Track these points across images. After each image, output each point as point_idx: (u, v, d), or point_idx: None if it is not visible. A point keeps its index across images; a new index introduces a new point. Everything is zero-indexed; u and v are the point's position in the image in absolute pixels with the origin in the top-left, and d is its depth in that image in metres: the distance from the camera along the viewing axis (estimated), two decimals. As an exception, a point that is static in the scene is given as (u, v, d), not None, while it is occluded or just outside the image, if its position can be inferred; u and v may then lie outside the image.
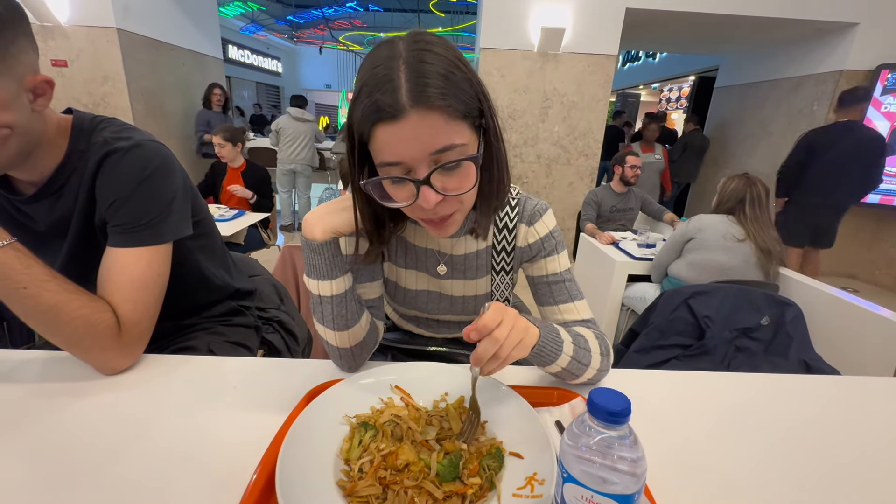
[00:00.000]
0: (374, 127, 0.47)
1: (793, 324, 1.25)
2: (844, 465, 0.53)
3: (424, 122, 0.46)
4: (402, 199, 0.52)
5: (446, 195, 0.50)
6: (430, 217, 0.54)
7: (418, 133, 0.46)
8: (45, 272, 0.59)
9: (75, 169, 0.68)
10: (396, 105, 0.45)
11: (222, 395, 0.62)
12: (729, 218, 1.79)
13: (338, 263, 0.61)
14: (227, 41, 9.84)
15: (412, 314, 0.80)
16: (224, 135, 2.66)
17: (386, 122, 0.46)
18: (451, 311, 0.77)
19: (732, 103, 4.77)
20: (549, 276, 0.69)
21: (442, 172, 0.49)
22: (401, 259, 0.73)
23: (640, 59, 9.04)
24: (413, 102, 0.45)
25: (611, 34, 3.37)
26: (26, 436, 0.52)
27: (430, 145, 0.47)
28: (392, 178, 0.50)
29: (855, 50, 3.43)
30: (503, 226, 0.69)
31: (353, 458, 0.47)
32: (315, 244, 0.59)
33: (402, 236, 0.72)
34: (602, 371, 0.64)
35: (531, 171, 3.71)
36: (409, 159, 0.48)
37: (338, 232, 0.59)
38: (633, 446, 0.34)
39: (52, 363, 0.67)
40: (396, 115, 0.45)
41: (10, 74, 0.57)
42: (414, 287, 0.75)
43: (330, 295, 0.61)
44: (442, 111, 0.46)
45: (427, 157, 0.47)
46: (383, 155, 0.48)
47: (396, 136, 0.46)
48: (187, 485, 0.46)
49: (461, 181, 0.51)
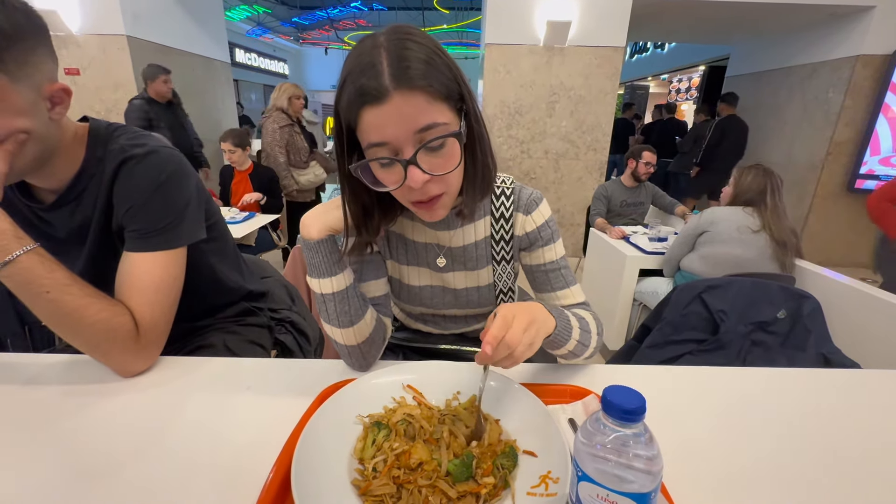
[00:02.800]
0: (361, 110, 0.49)
1: (811, 317, 1.22)
2: (866, 459, 0.52)
3: (408, 102, 0.48)
4: (391, 182, 0.53)
5: (433, 174, 0.52)
6: (420, 198, 0.55)
7: (402, 113, 0.48)
8: (67, 277, 0.61)
9: (93, 176, 0.70)
10: (381, 88, 0.47)
11: (237, 395, 0.63)
12: (745, 210, 1.76)
13: (336, 260, 0.62)
14: (233, 45, 9.92)
15: (418, 311, 0.81)
16: (233, 141, 2.69)
17: (371, 104, 0.48)
18: (455, 306, 0.77)
19: (745, 92, 4.66)
20: (546, 264, 0.71)
21: (427, 152, 0.51)
22: (402, 256, 0.74)
23: (648, 51, 8.90)
24: (396, 84, 0.47)
25: (618, 26, 3.32)
26: (48, 437, 0.54)
27: (414, 124, 0.49)
28: (380, 159, 0.51)
29: (871, 34, 3.33)
30: (500, 215, 0.70)
31: (366, 457, 0.47)
32: (312, 243, 0.61)
33: (401, 234, 0.73)
34: (596, 349, 0.69)
35: (539, 167, 3.68)
36: (395, 139, 0.50)
37: (333, 229, 0.62)
38: (649, 444, 0.34)
39: (72, 366, 0.69)
40: (381, 96, 0.48)
41: (29, 82, 0.58)
42: (417, 283, 0.76)
43: (332, 292, 0.63)
44: (423, 91, 0.49)
45: (411, 135, 0.50)
46: (370, 136, 0.50)
47: (382, 118, 0.49)
48: (205, 484, 0.47)
49: (446, 160, 0.53)
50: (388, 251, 0.75)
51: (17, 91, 0.57)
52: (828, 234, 3.80)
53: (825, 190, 3.71)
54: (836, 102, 3.55)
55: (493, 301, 0.77)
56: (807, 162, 3.81)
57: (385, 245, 0.74)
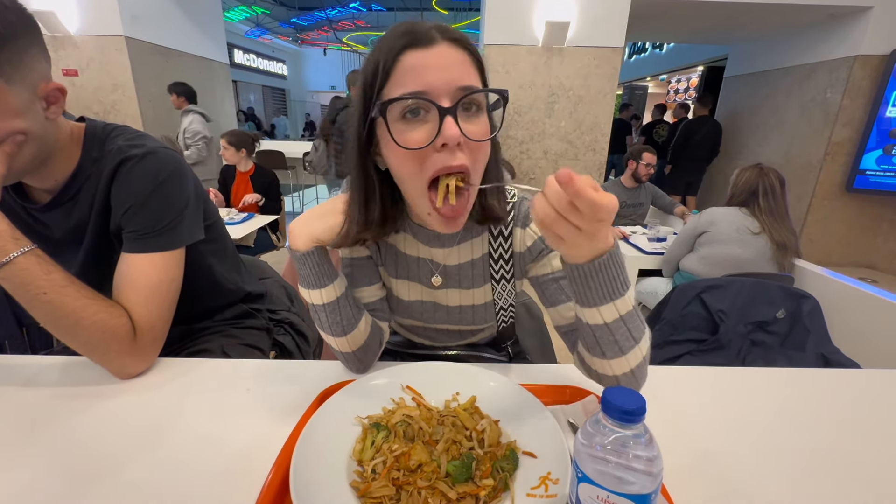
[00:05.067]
0: (401, 54, 0.47)
1: (810, 317, 1.22)
2: (867, 459, 0.52)
3: (454, 54, 0.48)
4: (417, 140, 0.48)
5: (468, 138, 0.48)
6: (447, 163, 0.48)
7: (448, 61, 0.47)
8: (65, 278, 0.60)
9: (89, 176, 0.70)
10: (430, 34, 0.47)
11: (235, 397, 0.62)
12: (742, 210, 1.76)
13: (325, 271, 0.59)
14: (232, 46, 9.92)
15: (409, 323, 0.77)
16: (229, 138, 2.71)
17: (415, 48, 0.47)
18: (448, 321, 0.73)
19: (743, 92, 4.68)
20: (555, 272, 0.63)
21: (465, 113, 0.48)
22: (391, 269, 0.70)
23: (646, 51, 8.92)
24: (445, 36, 0.47)
25: (616, 26, 3.32)
26: (45, 439, 0.53)
27: (458, 79, 0.47)
28: (416, 96, 0.46)
29: (869, 34, 3.33)
30: (498, 232, 0.65)
31: (365, 458, 0.47)
32: (299, 254, 0.58)
33: (391, 245, 0.68)
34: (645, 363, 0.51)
35: (538, 167, 3.68)
36: (435, 88, 0.46)
37: (319, 241, 0.58)
38: (649, 445, 0.33)
39: (70, 368, 0.69)
40: (427, 41, 0.47)
41: (24, 83, 0.58)
42: (407, 297, 0.71)
43: (321, 303, 0.60)
44: (469, 53, 0.49)
45: (453, 89, 0.47)
46: (406, 84, 0.47)
47: (426, 62, 0.47)
48: (203, 486, 0.46)
49: (479, 129, 0.49)
50: (380, 258, 0.70)
51: (13, 92, 0.57)
52: (826, 234, 3.80)
53: (824, 190, 3.72)
54: (834, 102, 3.55)
55: (490, 318, 0.72)
56: (805, 162, 3.81)
57: (377, 252, 0.70)
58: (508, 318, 0.74)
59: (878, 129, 3.42)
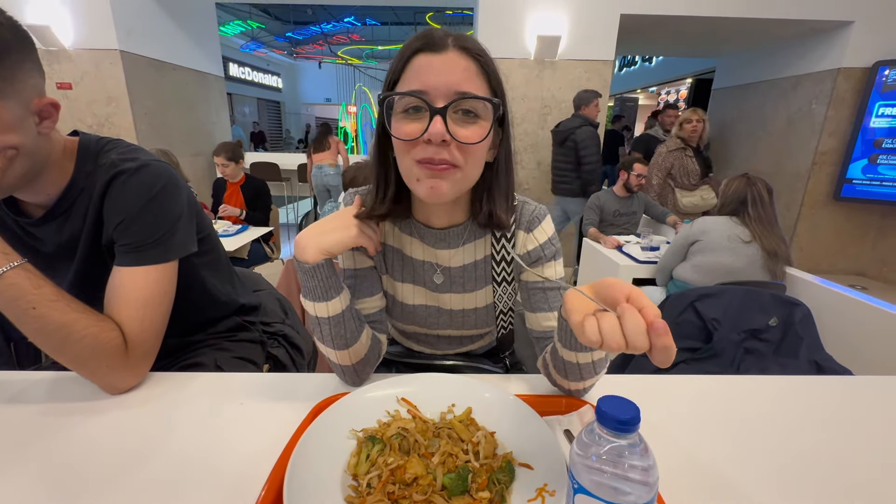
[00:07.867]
0: (413, 56, 0.53)
1: (802, 324, 1.23)
2: (860, 466, 0.52)
3: (460, 62, 0.52)
4: (409, 131, 0.53)
5: (453, 138, 0.52)
6: (430, 155, 0.53)
7: (452, 67, 0.52)
8: (54, 292, 0.60)
9: (82, 190, 0.69)
10: (442, 41, 0.52)
11: (229, 411, 0.62)
12: (733, 219, 1.78)
13: (332, 284, 0.60)
14: (227, 59, 10.01)
15: (411, 330, 0.78)
16: (226, 155, 2.71)
17: (426, 51, 0.52)
18: (450, 326, 0.75)
19: (731, 104, 4.77)
20: (545, 282, 0.67)
21: (457, 117, 0.53)
22: (398, 272, 0.72)
23: (636, 64, 9.10)
24: (456, 44, 0.52)
25: (606, 40, 3.40)
26: (35, 456, 0.52)
27: (458, 83, 0.52)
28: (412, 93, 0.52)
29: (851, 48, 3.43)
30: (501, 234, 0.68)
31: (360, 472, 0.46)
32: (307, 267, 0.58)
33: (399, 249, 0.71)
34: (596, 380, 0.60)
35: (532, 178, 3.72)
36: (434, 89, 0.51)
37: (329, 253, 0.58)
38: (644, 454, 0.33)
39: (59, 383, 0.68)
40: (438, 47, 0.52)
41: (17, 98, 0.58)
42: (411, 301, 0.73)
43: (327, 316, 0.60)
44: (477, 62, 0.53)
45: (451, 92, 0.51)
46: (410, 83, 0.53)
47: (432, 65, 0.52)
48: (196, 503, 0.46)
49: (471, 133, 0.53)
50: (385, 265, 0.73)
51: (6, 107, 0.56)
52: (816, 242, 3.86)
53: (812, 199, 3.78)
54: (819, 113, 3.64)
55: (490, 322, 0.74)
56: (794, 171, 3.89)
57: (381, 260, 0.72)
58: (508, 324, 0.75)
59: (863, 139, 3.51)
